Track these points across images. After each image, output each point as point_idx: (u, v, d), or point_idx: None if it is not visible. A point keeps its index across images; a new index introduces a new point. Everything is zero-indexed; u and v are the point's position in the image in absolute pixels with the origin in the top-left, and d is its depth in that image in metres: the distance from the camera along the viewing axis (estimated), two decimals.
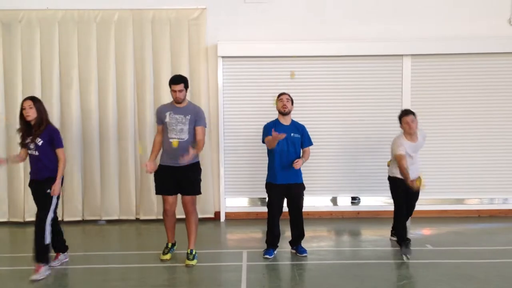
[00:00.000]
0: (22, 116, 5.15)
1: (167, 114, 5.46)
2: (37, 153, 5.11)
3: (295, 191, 5.71)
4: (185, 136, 5.41)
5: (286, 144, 5.61)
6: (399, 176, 5.83)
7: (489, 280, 4.92)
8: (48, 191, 5.10)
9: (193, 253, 5.57)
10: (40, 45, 7.44)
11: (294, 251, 5.86)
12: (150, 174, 5.66)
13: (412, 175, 5.73)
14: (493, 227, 7.22)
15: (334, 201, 8.29)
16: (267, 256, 5.68)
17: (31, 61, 7.42)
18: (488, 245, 6.20)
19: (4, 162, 5.38)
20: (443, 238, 6.61)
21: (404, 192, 5.86)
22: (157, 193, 5.67)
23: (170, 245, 5.76)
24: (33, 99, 5.18)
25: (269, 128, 5.59)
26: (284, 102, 5.69)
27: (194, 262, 5.51)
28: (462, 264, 5.44)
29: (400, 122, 5.88)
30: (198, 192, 5.61)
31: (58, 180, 5.14)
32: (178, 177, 5.45)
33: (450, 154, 7.59)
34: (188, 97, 7.33)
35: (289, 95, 5.78)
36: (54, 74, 7.43)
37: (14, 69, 7.43)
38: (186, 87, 5.50)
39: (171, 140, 5.38)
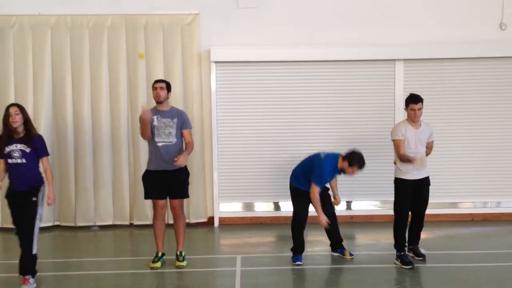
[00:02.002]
0: (5, 123, 4.90)
1: (155, 118, 5.49)
2: (24, 160, 4.89)
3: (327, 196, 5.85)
4: (173, 139, 5.48)
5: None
6: (405, 177, 5.52)
7: (482, 284, 4.94)
8: (34, 199, 4.91)
9: (183, 254, 5.64)
10: (33, 50, 7.41)
11: (337, 254, 5.94)
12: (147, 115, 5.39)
13: (417, 173, 5.51)
14: (486, 231, 7.25)
15: None
16: (299, 263, 5.62)
17: (23, 67, 7.38)
18: (481, 249, 6.22)
19: None
20: (437, 242, 6.63)
21: (410, 197, 5.55)
22: (146, 197, 5.69)
23: (160, 253, 5.68)
24: (19, 106, 4.98)
25: (328, 173, 5.68)
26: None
27: (184, 263, 5.58)
28: (455, 268, 5.46)
29: (406, 107, 5.56)
30: (186, 195, 5.71)
31: (51, 188, 5.03)
32: (167, 181, 5.49)
33: (443, 158, 7.60)
34: (181, 102, 7.43)
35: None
36: (46, 80, 7.40)
37: (6, 75, 7.39)
38: (168, 89, 5.61)
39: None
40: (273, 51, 7.50)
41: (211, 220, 7.68)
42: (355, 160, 5.49)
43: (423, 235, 6.01)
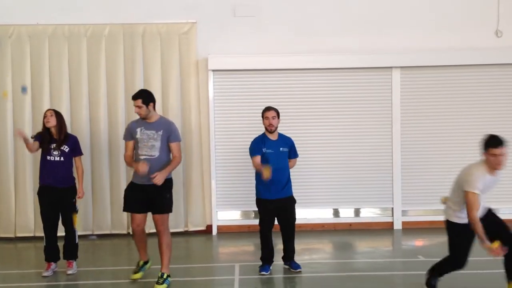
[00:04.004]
0: (44, 124, 5.67)
1: (138, 130, 5.21)
2: (62, 158, 5.62)
3: (286, 206, 5.64)
4: (155, 153, 5.15)
5: (276, 160, 5.55)
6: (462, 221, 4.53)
7: None
8: (73, 199, 5.72)
9: (164, 276, 5.16)
10: (31, 60, 7.42)
11: (287, 266, 5.76)
12: (145, 171, 5.13)
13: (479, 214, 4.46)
14: None
15: (326, 213, 8.26)
16: (264, 273, 5.54)
17: (21, 76, 7.39)
18: (479, 255, 6.20)
19: (23, 135, 5.56)
20: (435, 249, 6.60)
21: (469, 240, 4.58)
22: (124, 210, 5.41)
23: (141, 263, 5.53)
24: (55, 110, 5.76)
25: (257, 144, 5.56)
26: (270, 120, 5.58)
27: (163, 287, 5.10)
28: (454, 275, 5.43)
29: (485, 150, 4.46)
30: (168, 210, 5.27)
31: (82, 184, 5.84)
32: (148, 195, 5.17)
33: (441, 165, 7.62)
34: (178, 110, 7.44)
35: (275, 110, 5.65)
36: (44, 89, 7.41)
37: (4, 84, 7.39)
38: (146, 102, 5.19)
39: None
40: (270, 59, 7.52)
41: (209, 228, 7.66)
42: None
43: (421, 242, 5.93)
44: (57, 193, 5.63)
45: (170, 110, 7.49)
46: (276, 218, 5.69)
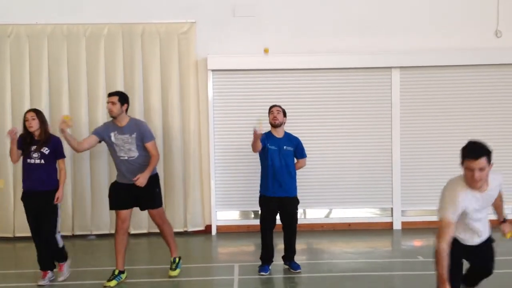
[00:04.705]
0: (25, 127, 5.33)
1: (112, 134, 5.28)
2: (42, 161, 5.28)
3: (288, 206, 5.62)
4: (134, 154, 5.26)
5: (278, 158, 5.57)
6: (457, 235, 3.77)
7: None
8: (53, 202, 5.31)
9: (176, 261, 5.51)
10: (29, 59, 7.41)
11: (287, 266, 5.75)
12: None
13: (482, 234, 3.86)
14: None
15: (325, 213, 8.26)
16: (263, 273, 5.53)
17: (20, 76, 7.38)
18: None
19: (15, 133, 5.22)
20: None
21: (460, 257, 3.87)
22: (111, 208, 5.48)
23: (117, 271, 5.32)
24: (36, 111, 5.40)
25: (262, 138, 5.52)
26: (274, 114, 5.63)
27: (176, 272, 5.46)
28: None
29: (461, 161, 3.62)
30: (159, 204, 5.45)
31: (62, 187, 5.39)
32: (134, 193, 5.25)
33: (440, 165, 7.61)
34: (178, 110, 7.43)
35: (280, 107, 5.73)
36: (43, 89, 7.40)
37: (3, 84, 7.39)
38: (122, 101, 5.27)
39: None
40: (269, 59, 7.52)
41: (208, 228, 7.66)
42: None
43: (420, 242, 5.94)
44: (37, 197, 5.28)
45: (169, 110, 7.49)
46: (280, 218, 5.68)
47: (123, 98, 5.33)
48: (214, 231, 7.65)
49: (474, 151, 3.51)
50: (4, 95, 7.39)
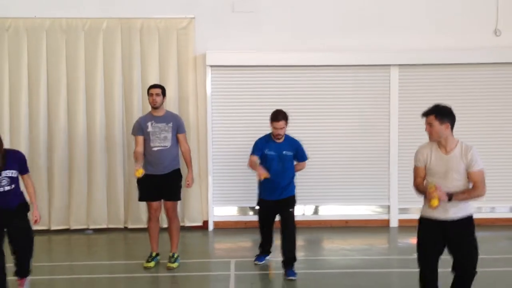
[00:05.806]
0: None
1: (149, 124, 5.63)
2: (13, 186, 4.55)
3: (284, 205, 5.52)
4: (168, 143, 5.62)
5: (276, 163, 5.49)
6: (429, 215, 4.20)
7: None
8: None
9: (175, 256, 5.74)
10: (28, 53, 7.38)
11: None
12: (140, 177, 5.46)
13: (450, 212, 4.18)
14: (480, 236, 7.21)
15: (322, 210, 8.27)
16: (257, 262, 5.66)
17: (18, 70, 7.36)
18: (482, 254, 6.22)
19: None
20: None
21: (434, 239, 4.23)
22: (140, 199, 5.82)
23: (154, 254, 5.81)
24: None
25: (260, 144, 5.50)
26: (278, 131, 5.42)
27: (175, 265, 5.66)
28: (449, 273, 5.45)
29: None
30: (178, 198, 5.85)
31: (36, 206, 4.73)
32: (160, 184, 5.61)
33: None
34: (176, 106, 7.42)
35: (284, 120, 5.40)
36: (41, 83, 7.38)
37: (1, 78, 7.35)
38: (164, 94, 5.73)
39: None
40: (268, 55, 7.51)
41: (205, 224, 7.66)
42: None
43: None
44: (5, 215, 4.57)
45: (167, 106, 7.45)
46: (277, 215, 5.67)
47: (164, 91, 5.76)
48: (211, 227, 7.65)
49: (426, 110, 4.56)
50: (2, 89, 7.36)
